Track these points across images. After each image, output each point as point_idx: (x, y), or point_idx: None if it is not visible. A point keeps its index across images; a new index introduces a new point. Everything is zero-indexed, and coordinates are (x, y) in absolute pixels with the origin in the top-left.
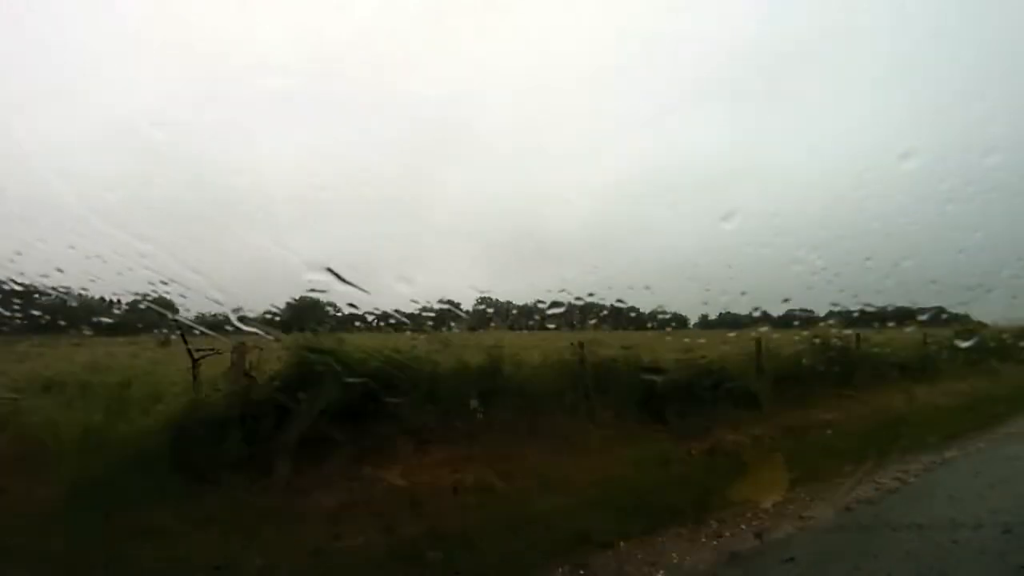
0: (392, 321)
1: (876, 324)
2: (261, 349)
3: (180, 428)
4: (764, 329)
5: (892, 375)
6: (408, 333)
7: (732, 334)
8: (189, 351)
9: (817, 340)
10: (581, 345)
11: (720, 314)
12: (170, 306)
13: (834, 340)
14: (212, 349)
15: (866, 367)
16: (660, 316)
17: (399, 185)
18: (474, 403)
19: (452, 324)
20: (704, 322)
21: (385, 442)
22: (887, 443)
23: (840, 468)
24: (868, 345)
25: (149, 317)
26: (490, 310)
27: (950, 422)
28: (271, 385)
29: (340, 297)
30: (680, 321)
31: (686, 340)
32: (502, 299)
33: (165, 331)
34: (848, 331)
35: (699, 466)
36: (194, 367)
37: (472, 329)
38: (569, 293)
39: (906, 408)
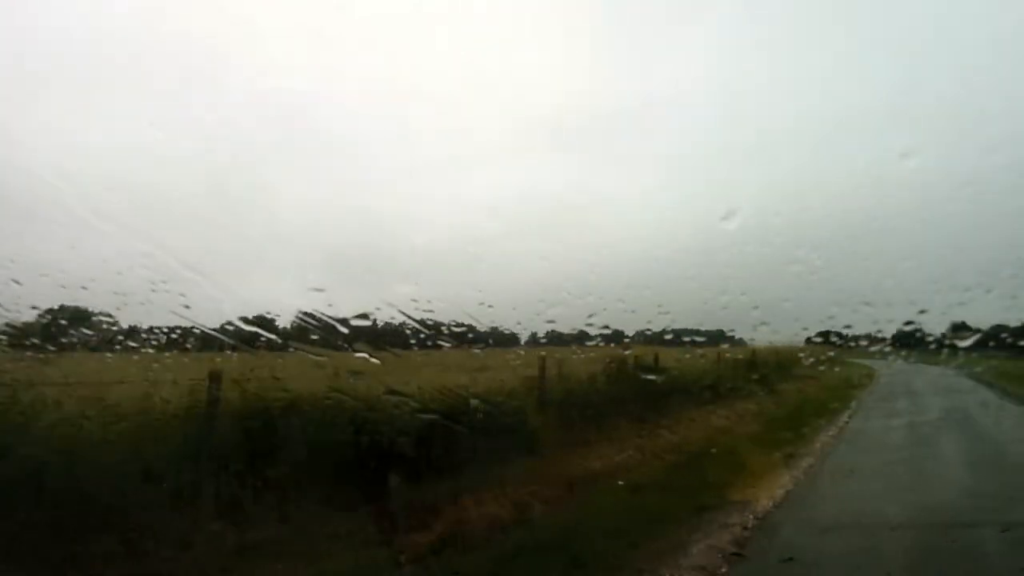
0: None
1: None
2: None
3: None
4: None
5: (690, 398)
6: None
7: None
8: None
9: (612, 363)
10: (217, 378)
11: (548, 332)
12: None
13: (631, 362)
14: None
15: (664, 390)
16: (498, 334)
17: (233, 185)
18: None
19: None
20: (533, 340)
21: None
22: (683, 501)
23: (629, 552)
24: (667, 366)
25: None
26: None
27: (749, 457)
28: None
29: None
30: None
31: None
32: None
33: None
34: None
35: None
36: None
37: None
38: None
39: (704, 439)
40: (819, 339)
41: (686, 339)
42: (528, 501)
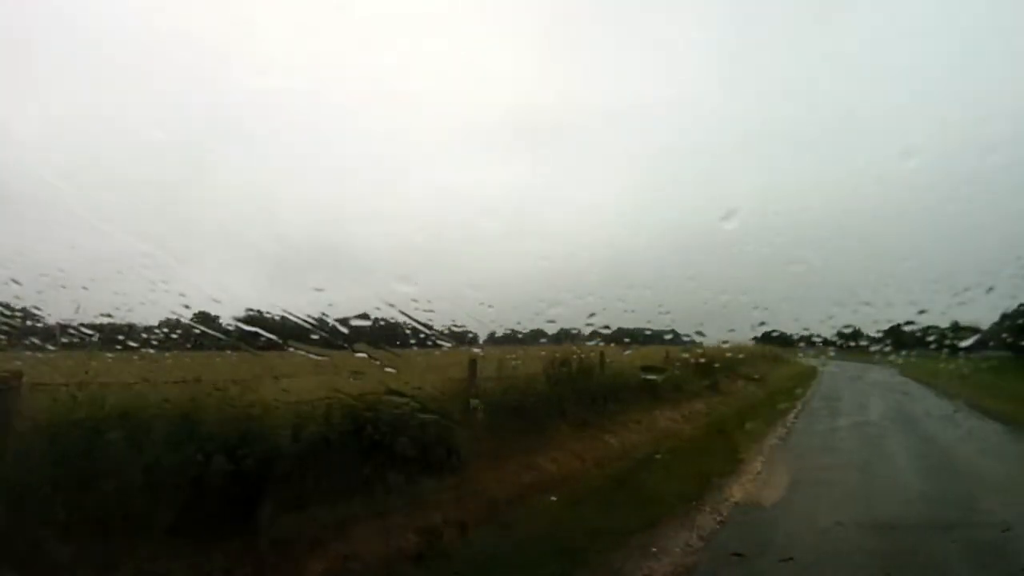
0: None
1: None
2: None
3: None
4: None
5: (636, 399)
6: None
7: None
8: None
9: (555, 363)
10: (9, 383)
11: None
12: None
13: (575, 360)
14: None
15: (611, 390)
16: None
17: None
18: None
19: None
20: (492, 338)
21: None
22: (621, 519)
23: None
24: (614, 364)
25: None
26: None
27: (695, 464)
28: None
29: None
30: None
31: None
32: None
33: None
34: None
35: None
36: None
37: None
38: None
39: (649, 444)
40: (763, 340)
41: (627, 340)
42: (438, 527)
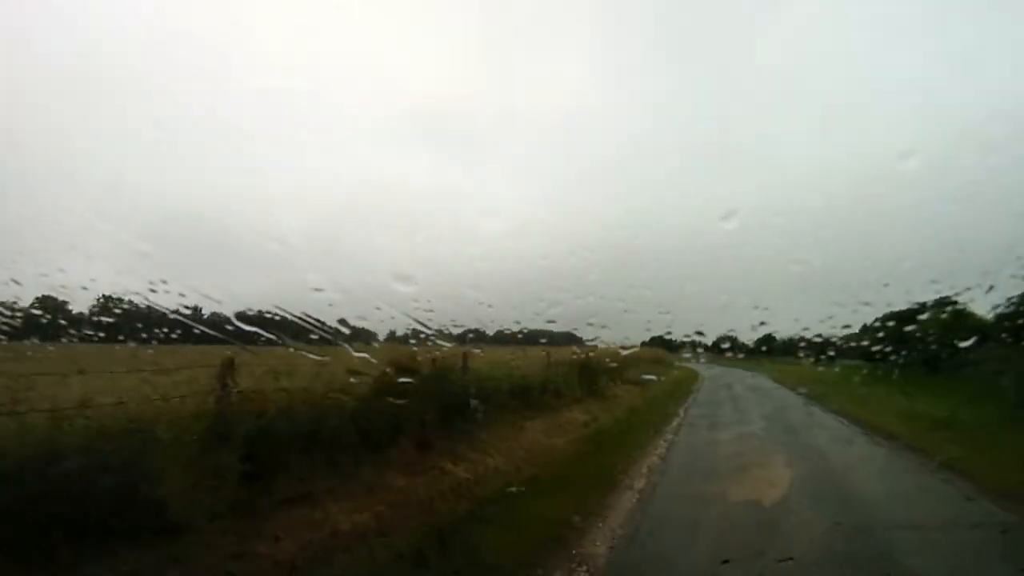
0: None
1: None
2: None
3: None
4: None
5: (505, 408)
6: None
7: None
8: None
9: (392, 368)
10: None
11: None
12: None
13: (422, 364)
14: None
15: (476, 399)
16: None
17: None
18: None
19: None
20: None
21: None
22: None
23: None
24: (481, 371)
25: None
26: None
27: (557, 498)
28: None
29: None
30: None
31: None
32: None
33: None
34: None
35: None
36: None
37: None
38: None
39: (508, 469)
40: (650, 343)
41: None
42: None
